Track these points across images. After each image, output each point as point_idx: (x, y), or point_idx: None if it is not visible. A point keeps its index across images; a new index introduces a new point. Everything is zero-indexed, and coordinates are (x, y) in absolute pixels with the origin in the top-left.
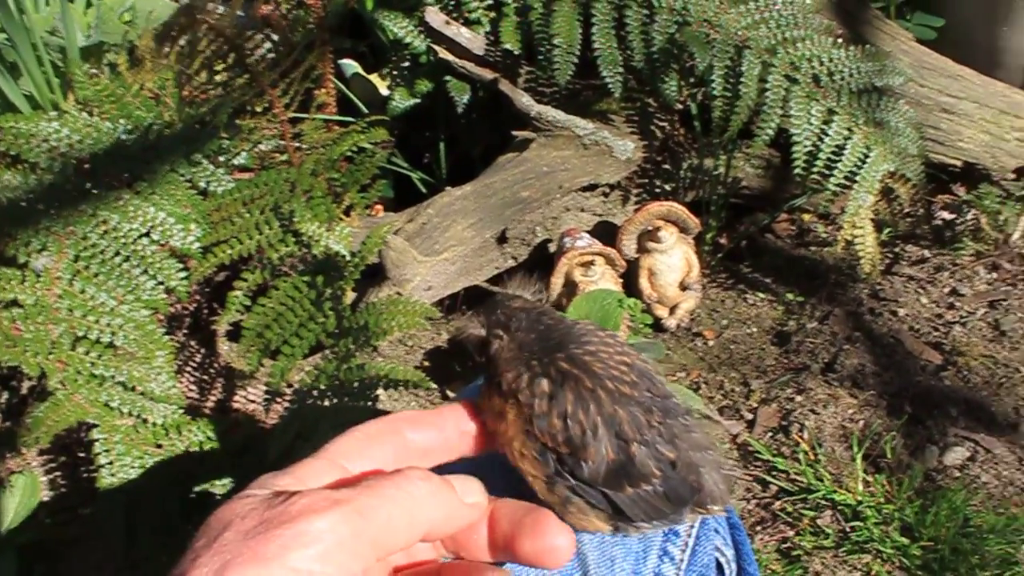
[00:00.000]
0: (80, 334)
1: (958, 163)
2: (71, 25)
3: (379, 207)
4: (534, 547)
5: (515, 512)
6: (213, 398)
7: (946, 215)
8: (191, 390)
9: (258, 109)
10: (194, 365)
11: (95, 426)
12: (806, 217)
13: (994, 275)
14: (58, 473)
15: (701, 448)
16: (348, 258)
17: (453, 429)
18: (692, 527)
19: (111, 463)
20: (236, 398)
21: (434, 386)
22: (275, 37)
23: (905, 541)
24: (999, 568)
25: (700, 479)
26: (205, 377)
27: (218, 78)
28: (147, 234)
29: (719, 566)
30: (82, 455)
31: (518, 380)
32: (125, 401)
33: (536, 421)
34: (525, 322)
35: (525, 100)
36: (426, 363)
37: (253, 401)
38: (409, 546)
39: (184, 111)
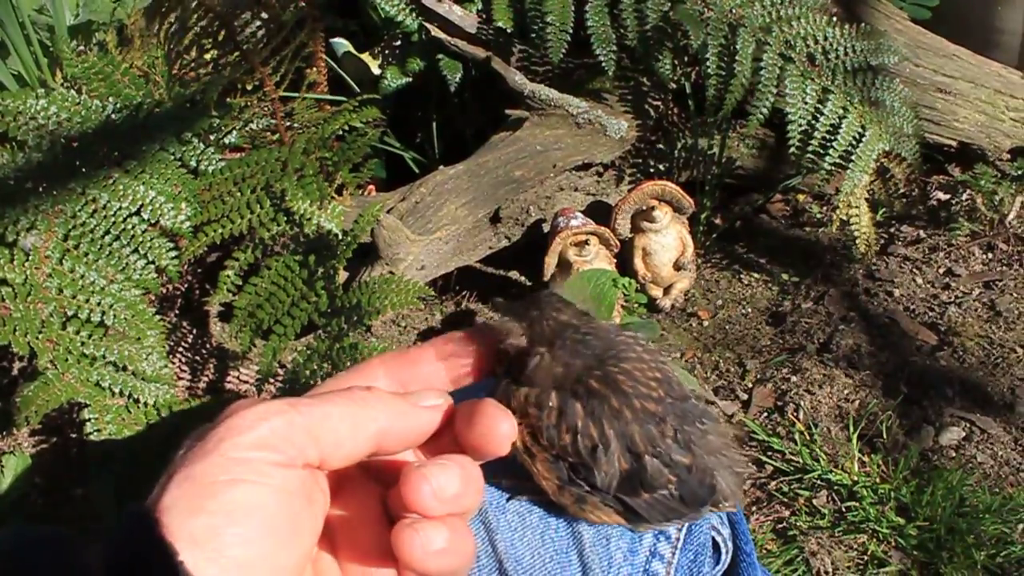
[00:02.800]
0: (70, 313)
1: (953, 143)
2: (59, 3)
3: (371, 187)
4: (477, 433)
5: (465, 407)
6: (205, 379)
7: (941, 195)
8: (183, 371)
9: (248, 87)
10: (186, 346)
11: (86, 407)
12: (801, 197)
13: (989, 255)
14: (49, 454)
15: (716, 451)
16: (340, 237)
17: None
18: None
19: (102, 442)
20: (228, 379)
21: None
22: (265, 15)
23: (901, 521)
24: (995, 548)
25: (714, 480)
26: (197, 358)
27: (208, 56)
28: (137, 213)
29: (715, 545)
30: (73, 436)
31: (538, 396)
32: (116, 381)
33: (545, 432)
34: (570, 341)
35: (518, 79)
36: (419, 343)
37: (245, 382)
38: (361, 451)
39: (174, 89)
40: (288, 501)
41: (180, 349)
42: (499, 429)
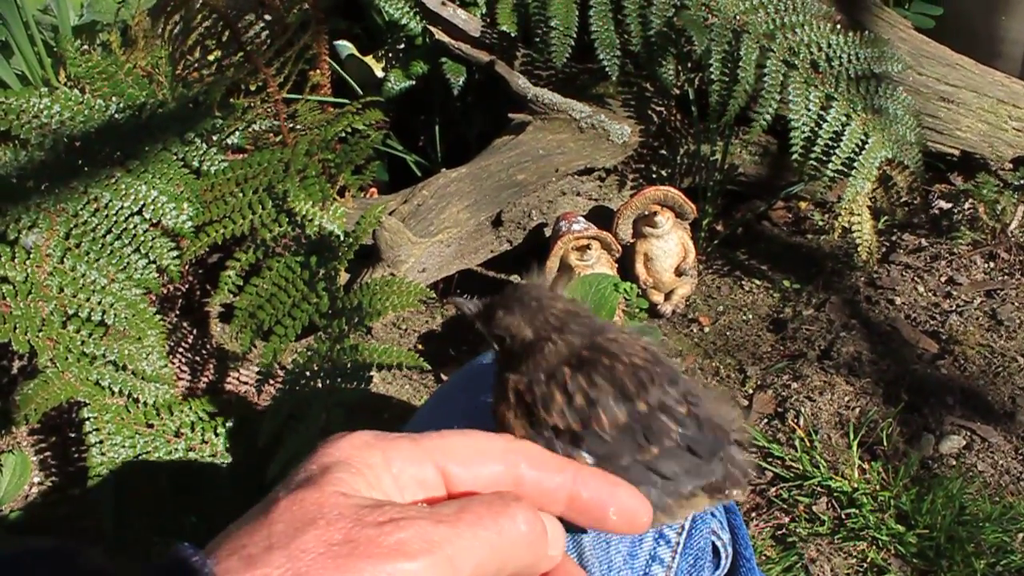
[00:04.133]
0: (71, 312)
1: (956, 152)
2: (63, 3)
3: (374, 190)
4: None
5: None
6: (205, 379)
7: (943, 204)
8: (183, 371)
9: (252, 88)
10: (186, 346)
11: (85, 406)
12: (803, 205)
13: (991, 264)
14: (48, 453)
15: (718, 416)
16: (342, 238)
17: (566, 489)
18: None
19: (101, 442)
20: (228, 379)
21: (428, 367)
22: (268, 17)
23: (901, 529)
24: (995, 556)
25: (721, 430)
26: (197, 358)
27: (212, 57)
28: (139, 212)
29: (715, 549)
30: (73, 435)
31: (532, 375)
32: (116, 380)
33: (540, 406)
34: (576, 326)
35: (521, 82)
36: (420, 346)
37: (246, 383)
38: None
39: (178, 89)
40: None
41: (180, 349)
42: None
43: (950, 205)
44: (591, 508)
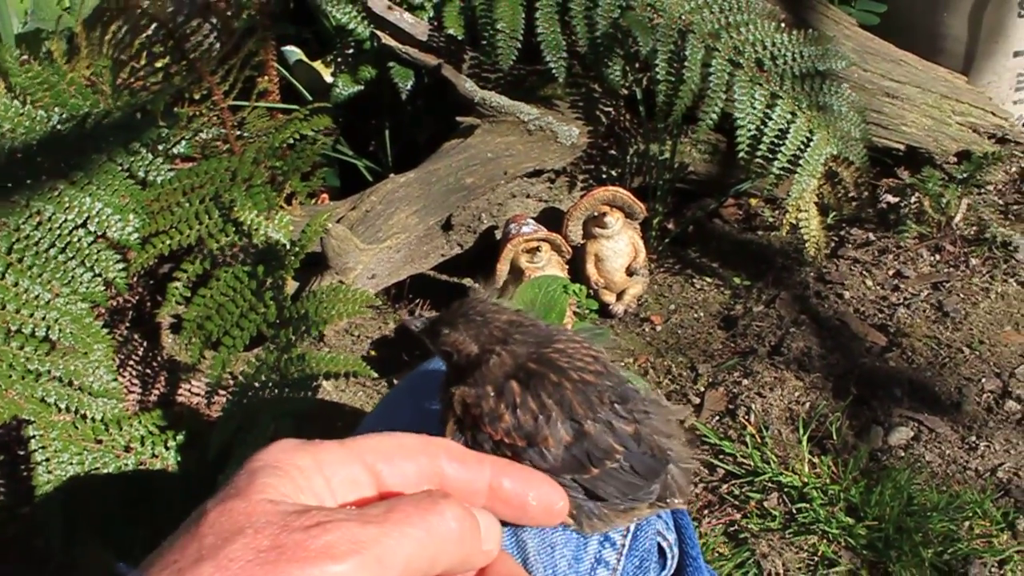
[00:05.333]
0: (14, 328)
1: (901, 147)
2: (6, 11)
3: (325, 196)
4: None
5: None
6: (157, 392)
7: (890, 198)
8: (134, 384)
9: (197, 96)
10: (137, 359)
11: (31, 423)
12: (753, 202)
13: (937, 257)
14: None
15: (663, 435)
16: (288, 247)
17: (485, 479)
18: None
19: (48, 460)
20: (180, 391)
21: (375, 375)
22: (215, 21)
23: (850, 521)
24: (942, 545)
25: (666, 453)
26: (148, 371)
27: (158, 64)
28: (83, 225)
29: (661, 550)
30: (21, 453)
31: (479, 389)
32: (62, 396)
33: (487, 419)
34: (520, 336)
35: (468, 86)
36: (373, 352)
37: (197, 394)
38: None
39: (122, 98)
40: None
41: (131, 362)
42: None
43: (897, 199)
44: (511, 498)
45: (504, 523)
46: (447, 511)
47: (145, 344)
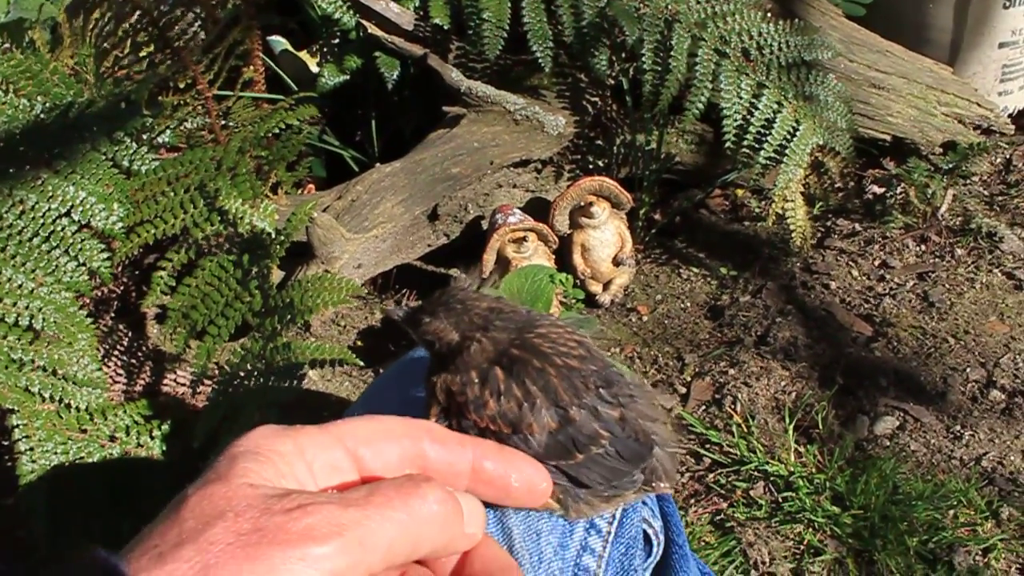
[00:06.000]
0: None
1: (887, 137)
2: None
3: (311, 186)
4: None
5: (493, 559)
6: (142, 382)
7: (876, 189)
8: (119, 375)
9: (181, 85)
10: (122, 349)
11: (14, 413)
12: (740, 193)
13: (923, 247)
14: None
15: (648, 419)
16: (273, 236)
17: (467, 461)
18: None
19: (32, 449)
20: (165, 382)
21: (361, 363)
22: (199, 11)
23: (836, 510)
24: (927, 533)
25: (652, 438)
26: (133, 361)
27: (143, 54)
28: (67, 214)
29: (647, 538)
30: (4, 443)
31: (463, 376)
32: (46, 386)
33: (472, 407)
34: (499, 322)
35: (454, 75)
36: (359, 343)
37: (183, 384)
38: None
39: (106, 87)
40: None
41: (116, 352)
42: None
43: (883, 190)
44: (494, 479)
45: (489, 506)
46: (429, 494)
47: (130, 335)
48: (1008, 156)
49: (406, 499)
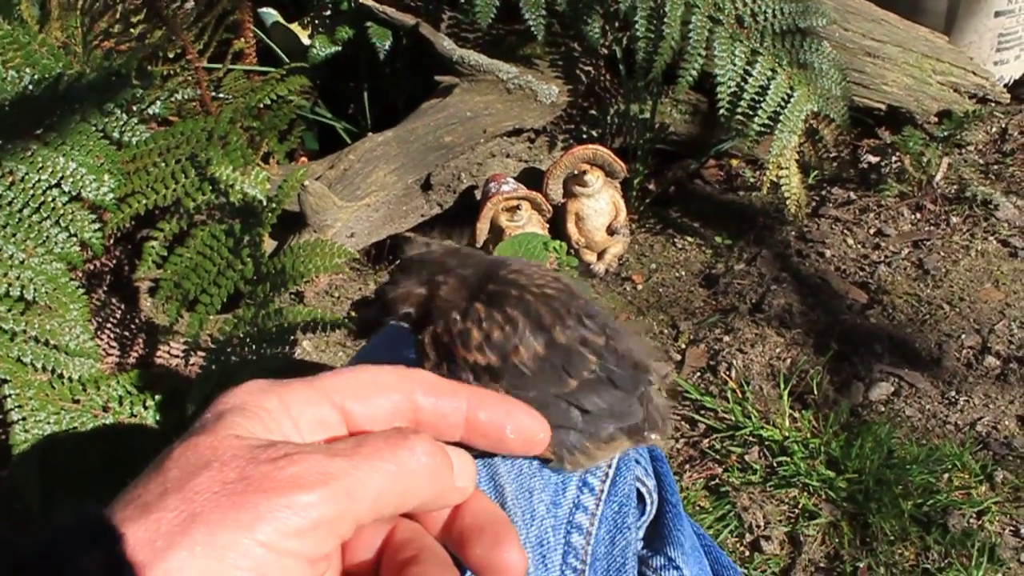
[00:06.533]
0: None
1: (882, 106)
2: None
3: (304, 159)
4: (485, 557)
5: (483, 513)
6: (135, 354)
7: (871, 158)
8: (112, 347)
9: (171, 55)
10: (115, 321)
11: (6, 382)
12: (734, 162)
13: (918, 216)
14: None
15: (636, 351)
16: (265, 203)
17: (461, 412)
18: (612, 458)
19: (24, 419)
20: (159, 353)
21: (353, 327)
22: None
23: (831, 474)
24: (921, 497)
25: (642, 359)
26: (127, 333)
27: (135, 21)
28: (57, 185)
29: (640, 497)
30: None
31: (445, 317)
32: (39, 356)
33: (459, 343)
34: (457, 261)
35: (447, 44)
36: (352, 314)
37: (176, 356)
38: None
39: (94, 58)
40: None
41: (109, 325)
42: (509, 561)
43: (878, 159)
44: (488, 429)
45: (481, 458)
46: (417, 446)
47: (123, 307)
48: (1004, 125)
49: (394, 450)
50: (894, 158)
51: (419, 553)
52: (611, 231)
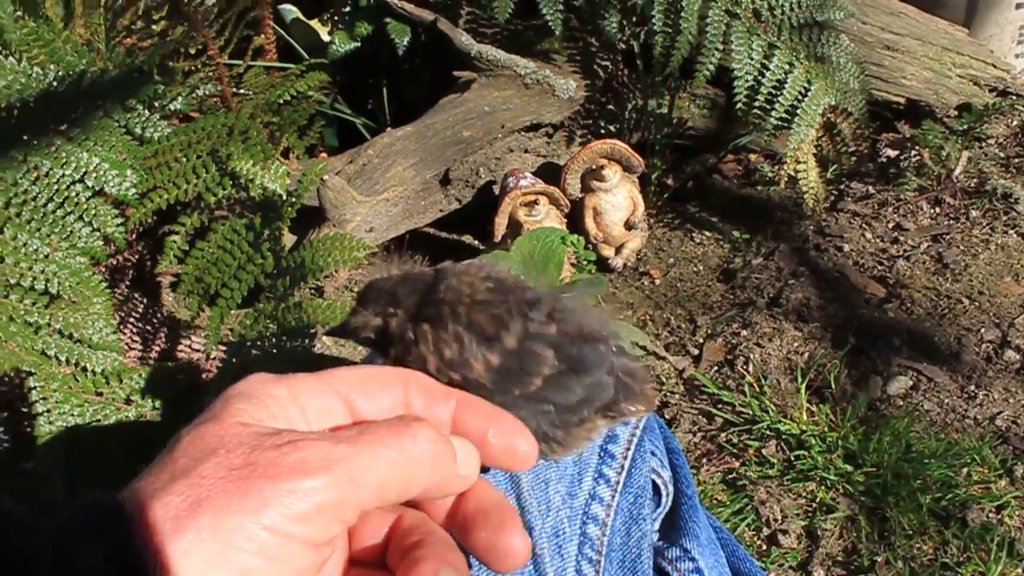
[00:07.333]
0: (13, 281)
1: (901, 100)
2: None
3: (323, 154)
4: (488, 541)
5: (487, 499)
6: (157, 349)
7: (890, 152)
8: (135, 341)
9: (192, 51)
10: (137, 316)
11: (31, 375)
12: (752, 157)
13: (937, 210)
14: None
15: (592, 326)
16: (284, 197)
17: (449, 414)
18: (628, 449)
19: (48, 411)
20: (180, 348)
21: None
22: None
23: (848, 468)
24: (940, 491)
25: (601, 340)
26: (148, 328)
27: (157, 19)
28: (81, 180)
29: (656, 488)
30: (24, 410)
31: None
32: (62, 349)
33: (421, 369)
34: (406, 289)
35: (465, 39)
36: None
37: (197, 350)
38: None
39: (116, 52)
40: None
41: (131, 320)
42: (512, 546)
43: (896, 153)
44: (472, 433)
45: None
46: (420, 433)
47: (145, 302)
48: None
49: (397, 437)
50: (913, 152)
51: (424, 538)
52: (629, 226)
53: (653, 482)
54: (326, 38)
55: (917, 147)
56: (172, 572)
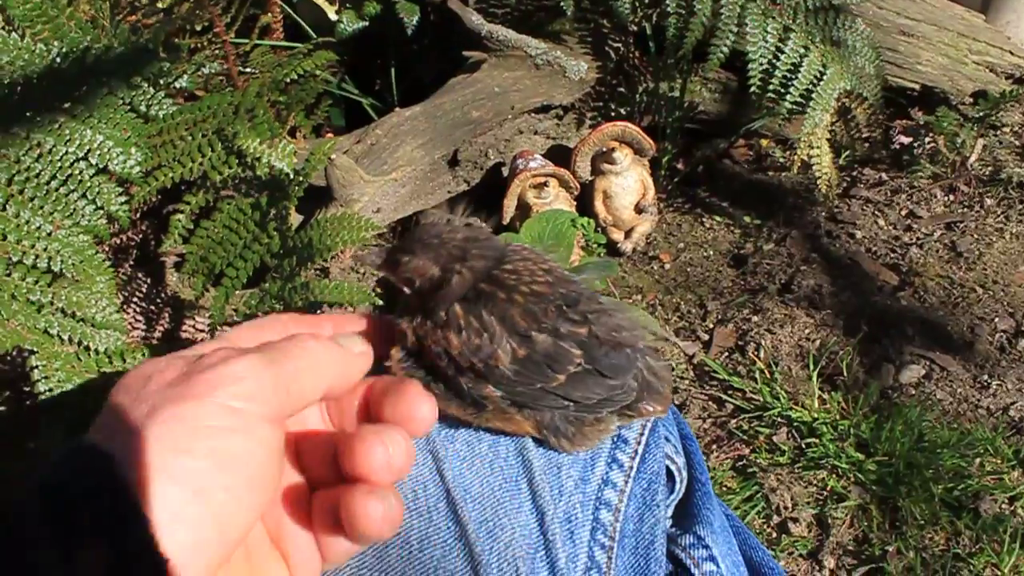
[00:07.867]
0: (15, 259)
1: (916, 86)
2: None
3: (330, 134)
4: (395, 412)
5: (387, 381)
6: (160, 329)
7: (904, 139)
8: (138, 321)
9: (198, 28)
10: (140, 296)
11: (34, 354)
12: (764, 142)
13: (951, 197)
14: (2, 408)
15: (624, 330)
16: (291, 176)
17: (329, 331)
18: (642, 435)
19: (51, 390)
20: (184, 328)
21: (380, 302)
22: None
23: (860, 456)
24: (952, 481)
25: (631, 346)
26: (152, 308)
27: (161, 4)
28: (84, 158)
29: (669, 474)
30: (27, 390)
31: (432, 315)
32: (65, 328)
33: (441, 353)
34: (477, 251)
35: (475, 19)
36: (378, 290)
37: (201, 330)
38: (315, 400)
39: (121, 29)
40: (270, 456)
41: (135, 300)
42: (419, 412)
43: (911, 139)
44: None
45: (510, 444)
46: (300, 336)
47: (149, 281)
48: None
49: (295, 340)
50: (927, 139)
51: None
52: (639, 209)
53: (667, 468)
54: (334, 17)
55: (931, 134)
56: (148, 460)
